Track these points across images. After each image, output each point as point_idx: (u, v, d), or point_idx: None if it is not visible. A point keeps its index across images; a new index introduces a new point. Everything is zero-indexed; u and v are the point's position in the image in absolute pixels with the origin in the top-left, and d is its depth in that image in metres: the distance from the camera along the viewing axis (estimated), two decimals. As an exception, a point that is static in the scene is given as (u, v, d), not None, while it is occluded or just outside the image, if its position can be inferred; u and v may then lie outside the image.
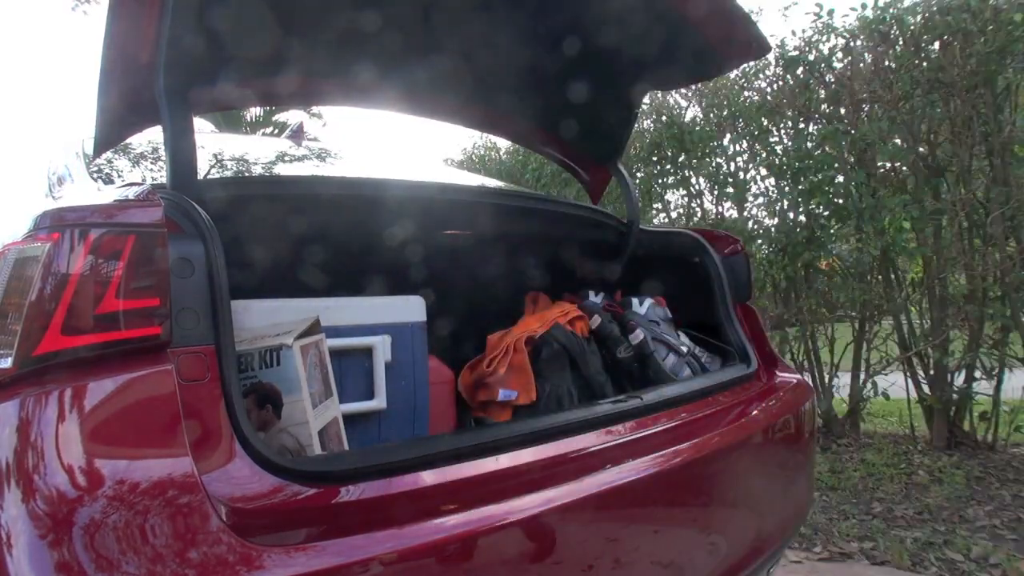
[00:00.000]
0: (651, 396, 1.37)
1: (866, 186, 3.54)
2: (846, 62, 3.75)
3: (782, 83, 4.04)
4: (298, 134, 2.98)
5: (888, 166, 3.66)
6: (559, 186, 5.05)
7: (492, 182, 2.65)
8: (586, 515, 1.07)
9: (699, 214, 4.65)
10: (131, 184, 1.27)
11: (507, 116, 2.02)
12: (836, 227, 3.86)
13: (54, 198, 1.29)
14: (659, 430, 1.29)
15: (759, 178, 4.26)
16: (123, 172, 1.57)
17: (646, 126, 4.72)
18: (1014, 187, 3.17)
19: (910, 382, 3.68)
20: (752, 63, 4.13)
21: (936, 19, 3.31)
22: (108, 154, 1.58)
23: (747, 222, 4.26)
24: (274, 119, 8.62)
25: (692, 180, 4.62)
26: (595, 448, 1.17)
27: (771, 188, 4.18)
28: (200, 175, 1.37)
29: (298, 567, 0.77)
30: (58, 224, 0.85)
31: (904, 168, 3.58)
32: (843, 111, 3.76)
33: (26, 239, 0.87)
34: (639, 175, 4.61)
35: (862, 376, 3.83)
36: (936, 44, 3.40)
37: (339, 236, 1.52)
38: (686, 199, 4.77)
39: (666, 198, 4.83)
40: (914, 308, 3.78)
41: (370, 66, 1.65)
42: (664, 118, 4.55)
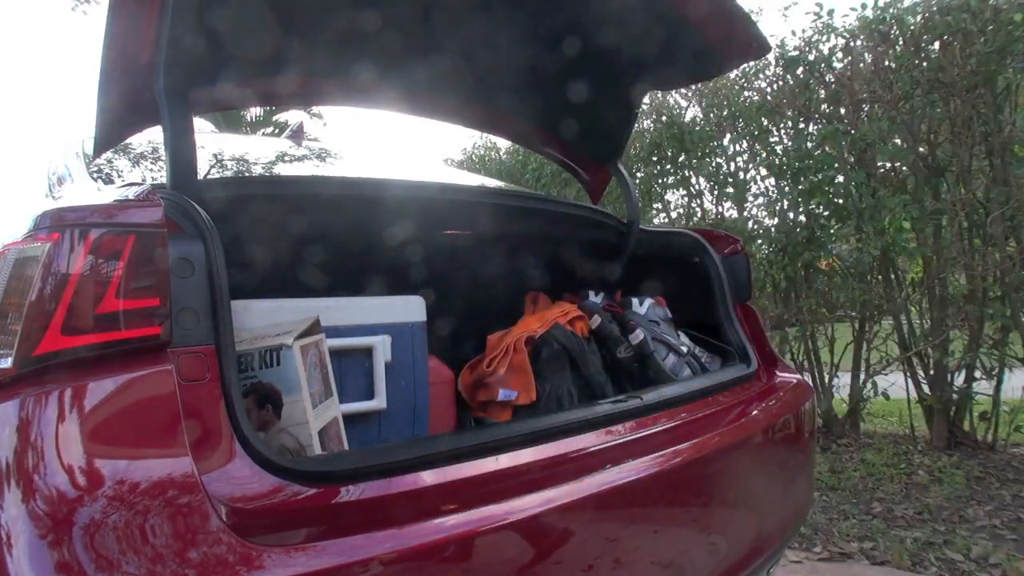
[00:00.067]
0: (651, 396, 1.37)
1: (866, 186, 3.54)
2: (846, 62, 3.75)
3: (782, 83, 4.04)
4: (298, 134, 2.97)
5: (888, 166, 3.66)
6: (559, 186, 5.04)
7: (492, 182, 2.65)
8: (586, 515, 1.07)
9: (699, 214, 4.65)
10: (131, 184, 1.26)
11: (507, 116, 2.02)
12: (836, 227, 3.86)
13: (54, 198, 1.29)
14: (659, 430, 1.29)
15: (759, 178, 4.26)
16: (123, 172, 1.57)
17: (646, 126, 4.72)
18: (1014, 187, 3.17)
19: (910, 382, 3.68)
20: (752, 63, 4.13)
21: (936, 19, 3.31)
22: (108, 154, 1.58)
23: (747, 222, 4.26)
24: (274, 119, 8.62)
25: (692, 180, 4.62)
26: (595, 448, 1.17)
27: (771, 188, 4.18)
28: (200, 175, 1.37)
29: (298, 567, 0.77)
30: (58, 224, 0.85)
31: (904, 168, 3.58)
32: (843, 111, 3.75)
33: (26, 239, 0.87)
34: (639, 175, 4.61)
35: (862, 376, 3.83)
36: (936, 44, 3.40)
37: (339, 236, 1.52)
38: (686, 199, 4.78)
39: (666, 198, 4.83)
40: (914, 308, 3.78)
41: (370, 66, 1.65)
42: (664, 118, 4.55)
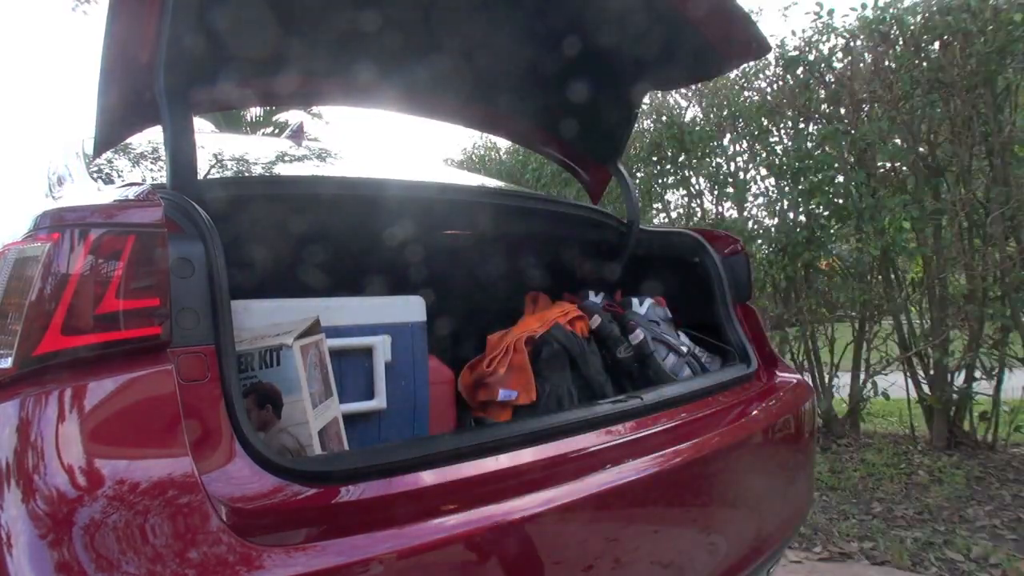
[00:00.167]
0: (651, 396, 1.37)
1: (866, 186, 3.54)
2: (846, 62, 3.75)
3: (782, 83, 4.04)
4: (298, 134, 2.97)
5: (888, 166, 3.66)
6: (559, 186, 5.04)
7: (492, 182, 2.65)
8: (586, 515, 1.07)
9: (699, 214, 4.65)
10: (131, 184, 1.26)
11: (507, 116, 2.02)
12: (836, 227, 3.86)
13: (54, 198, 1.29)
14: (659, 430, 1.29)
15: (759, 178, 4.26)
16: (123, 172, 1.57)
17: (646, 126, 4.72)
18: (1014, 187, 3.17)
19: (910, 382, 3.68)
20: (752, 63, 4.12)
21: (936, 19, 3.31)
22: (108, 154, 1.58)
23: (747, 222, 4.26)
24: (274, 119, 8.62)
25: (692, 180, 4.62)
26: (595, 448, 1.17)
27: (771, 188, 4.18)
28: (200, 175, 1.37)
29: (298, 567, 0.77)
30: (58, 224, 0.85)
31: (904, 168, 3.58)
32: (843, 111, 3.75)
33: (26, 239, 0.87)
34: (639, 175, 4.61)
35: (862, 376, 3.83)
36: (936, 44, 3.40)
37: (339, 236, 1.52)
38: (686, 199, 4.77)
39: (666, 198, 4.83)
40: (914, 308, 3.78)
41: (370, 66, 1.66)
42: (664, 118, 4.55)
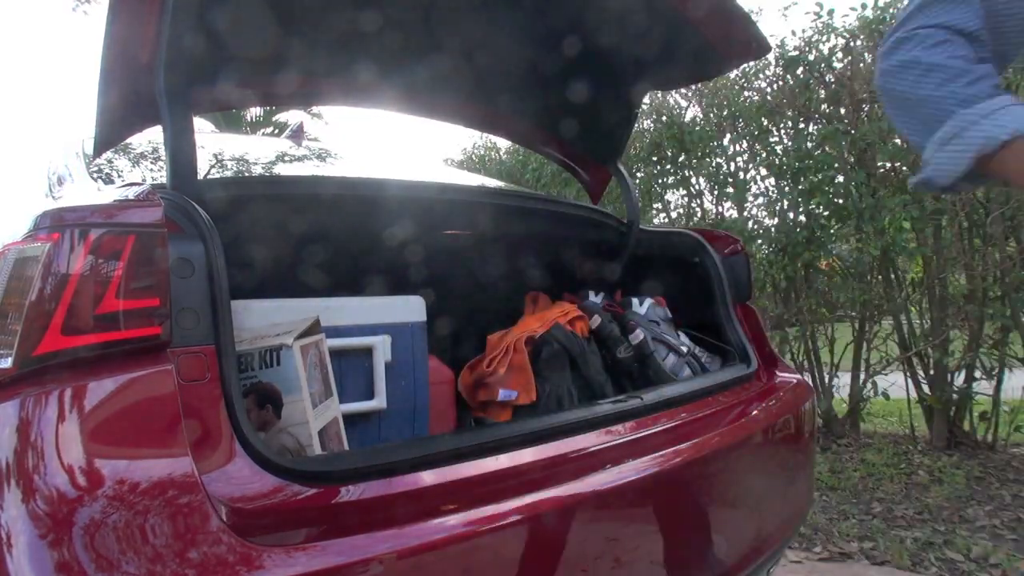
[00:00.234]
0: (651, 396, 1.37)
1: (866, 186, 3.54)
2: (846, 62, 3.74)
3: (782, 83, 4.04)
4: (298, 134, 2.98)
5: (888, 166, 3.66)
6: (559, 186, 5.04)
7: (492, 182, 2.65)
8: (586, 515, 1.07)
9: (699, 214, 4.65)
10: (131, 184, 1.26)
11: (507, 116, 2.02)
12: (836, 227, 3.85)
13: (54, 198, 1.29)
14: (659, 430, 1.29)
15: (759, 178, 4.26)
16: (123, 172, 1.57)
17: (646, 126, 4.72)
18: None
19: (910, 382, 3.67)
20: (752, 63, 4.12)
21: (936, 19, 3.30)
22: (108, 154, 1.58)
23: (747, 222, 4.26)
24: (274, 119, 8.62)
25: (692, 180, 4.62)
26: (595, 448, 1.17)
27: (771, 188, 4.18)
28: (200, 175, 1.37)
29: (298, 567, 0.77)
30: (58, 224, 0.84)
31: (904, 168, 3.58)
32: (843, 111, 3.75)
33: (26, 239, 0.87)
34: (639, 175, 4.61)
35: (862, 376, 3.82)
36: (936, 44, 3.39)
37: (339, 236, 1.52)
38: (686, 199, 4.77)
39: (666, 198, 4.83)
40: (914, 308, 3.78)
41: (370, 66, 1.66)
42: (664, 118, 4.55)
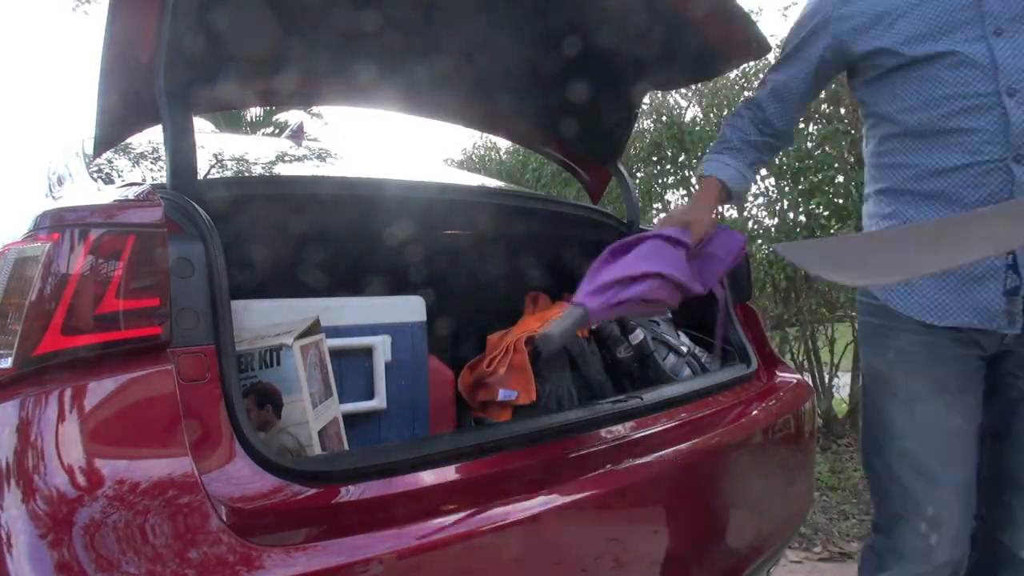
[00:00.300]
0: (651, 396, 1.37)
1: (866, 186, 3.54)
2: (846, 62, 3.74)
3: (782, 83, 4.03)
4: (298, 134, 2.97)
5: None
6: (559, 186, 5.04)
7: (492, 182, 2.65)
8: (586, 515, 1.07)
9: (699, 214, 4.64)
10: (131, 184, 1.26)
11: (507, 116, 2.02)
12: (836, 227, 3.85)
13: (54, 198, 1.29)
14: (659, 430, 1.29)
15: (759, 178, 4.25)
16: (123, 172, 1.57)
17: (646, 126, 4.72)
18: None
19: (910, 382, 3.67)
20: (752, 63, 4.12)
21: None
22: (108, 154, 1.57)
23: (747, 222, 4.26)
24: (274, 119, 8.61)
25: (692, 180, 4.61)
26: (595, 448, 1.17)
27: (771, 188, 4.18)
28: (200, 175, 1.37)
29: (298, 567, 0.77)
30: (58, 224, 0.84)
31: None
32: (843, 111, 3.75)
33: (26, 239, 0.87)
34: (639, 175, 4.60)
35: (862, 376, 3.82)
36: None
37: (339, 236, 1.52)
38: (686, 199, 4.77)
39: (666, 198, 4.83)
40: (914, 308, 3.77)
41: (370, 66, 1.65)
42: (664, 118, 4.55)
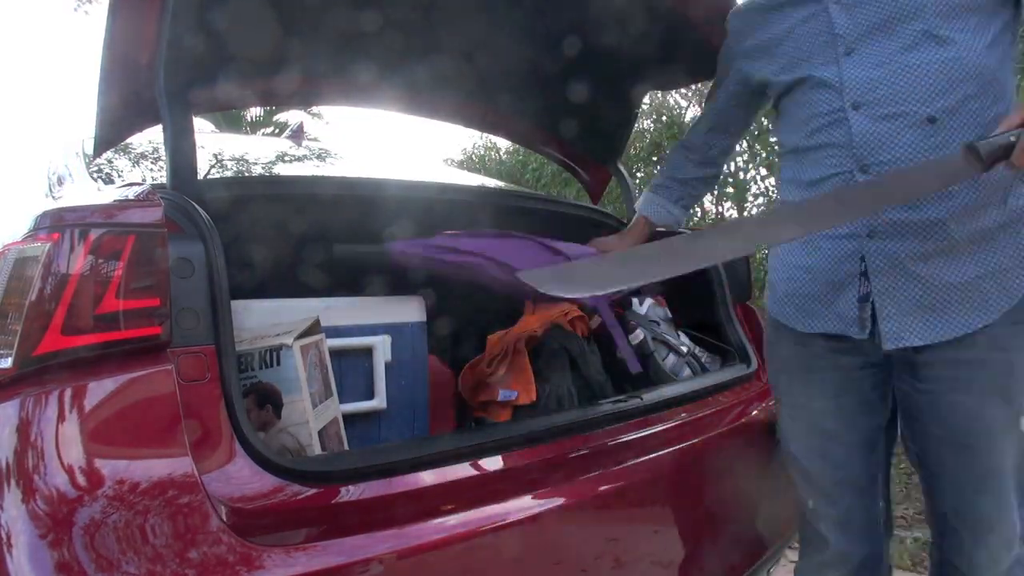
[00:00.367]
0: (651, 396, 1.37)
1: (866, 186, 3.53)
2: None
3: (782, 83, 4.03)
4: (298, 134, 2.97)
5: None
6: (559, 186, 5.05)
7: (492, 182, 2.65)
8: (586, 515, 1.07)
9: (699, 214, 4.65)
10: (131, 184, 1.27)
11: (507, 116, 2.02)
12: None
13: (54, 198, 1.29)
14: (659, 430, 1.29)
15: (759, 178, 4.26)
16: (123, 172, 1.57)
17: (646, 126, 4.73)
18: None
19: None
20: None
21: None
22: (108, 154, 1.57)
23: (747, 222, 4.26)
24: (274, 119, 8.60)
25: (692, 180, 4.61)
26: (595, 448, 1.17)
27: (771, 188, 4.18)
28: (200, 175, 1.37)
29: (298, 567, 0.77)
30: (58, 224, 0.84)
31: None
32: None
33: (26, 239, 0.86)
34: (639, 175, 4.61)
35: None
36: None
37: (339, 236, 1.52)
38: (686, 199, 4.77)
39: (666, 198, 4.83)
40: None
41: (370, 66, 1.65)
42: (664, 118, 4.56)
